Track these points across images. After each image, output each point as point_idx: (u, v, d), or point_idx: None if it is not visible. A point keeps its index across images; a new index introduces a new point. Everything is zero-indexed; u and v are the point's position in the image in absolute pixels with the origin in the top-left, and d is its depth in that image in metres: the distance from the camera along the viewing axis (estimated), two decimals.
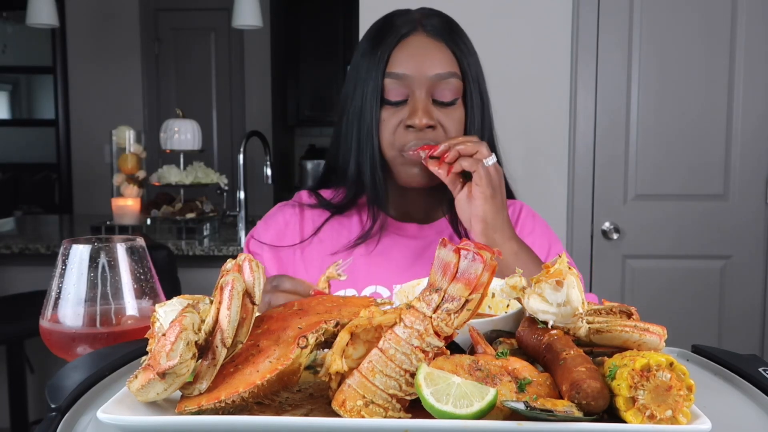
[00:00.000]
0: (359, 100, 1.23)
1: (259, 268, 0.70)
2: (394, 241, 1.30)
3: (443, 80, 1.21)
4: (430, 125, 1.19)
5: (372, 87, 1.21)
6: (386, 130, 1.22)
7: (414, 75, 1.20)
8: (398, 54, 1.22)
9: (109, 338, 0.93)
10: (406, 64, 1.21)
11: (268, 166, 3.19)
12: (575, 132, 2.78)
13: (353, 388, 0.62)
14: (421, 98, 1.20)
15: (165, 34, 5.95)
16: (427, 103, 1.20)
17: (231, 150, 5.93)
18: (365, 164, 1.24)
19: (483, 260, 0.64)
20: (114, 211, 3.31)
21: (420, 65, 1.20)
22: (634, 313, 0.76)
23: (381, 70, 1.21)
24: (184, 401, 0.64)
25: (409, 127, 1.20)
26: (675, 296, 2.83)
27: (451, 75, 1.21)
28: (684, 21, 2.72)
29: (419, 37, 1.23)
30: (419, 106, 1.19)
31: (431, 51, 1.22)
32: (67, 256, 0.94)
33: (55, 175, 6.65)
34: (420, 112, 1.19)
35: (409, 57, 1.21)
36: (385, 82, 1.21)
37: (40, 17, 3.64)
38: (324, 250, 1.29)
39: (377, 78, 1.21)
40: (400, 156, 1.22)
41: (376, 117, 1.21)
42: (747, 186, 2.78)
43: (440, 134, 1.21)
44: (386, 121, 1.22)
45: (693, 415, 0.60)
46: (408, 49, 1.22)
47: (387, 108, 1.22)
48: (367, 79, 1.22)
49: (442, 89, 1.21)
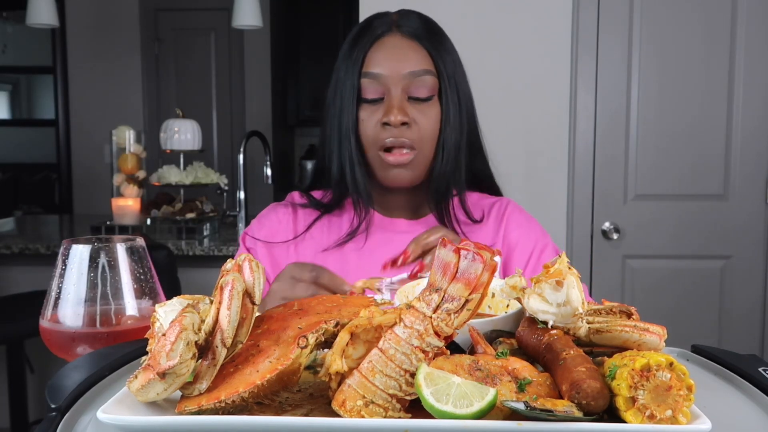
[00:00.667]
0: (339, 100, 1.27)
1: (259, 268, 0.70)
2: (384, 236, 1.32)
3: (417, 77, 1.24)
4: (405, 122, 1.22)
5: (349, 87, 1.25)
6: (365, 129, 1.25)
7: (389, 74, 1.24)
8: (373, 54, 1.26)
9: (109, 338, 0.93)
10: (381, 64, 1.24)
11: (268, 166, 3.19)
12: (575, 132, 2.78)
13: (353, 388, 0.62)
14: (396, 96, 1.23)
15: (165, 34, 5.95)
16: (403, 100, 1.23)
17: (231, 150, 5.93)
18: (346, 163, 1.27)
19: (483, 260, 0.64)
20: (114, 211, 3.31)
21: (394, 64, 1.24)
22: (634, 313, 0.76)
23: (357, 70, 1.25)
24: (184, 401, 0.64)
25: (385, 124, 1.23)
26: (675, 296, 2.83)
27: (426, 72, 1.24)
28: (684, 21, 2.73)
29: (394, 37, 1.27)
30: (394, 103, 1.22)
31: (405, 50, 1.26)
32: (67, 256, 0.94)
33: (55, 175, 6.65)
34: (395, 110, 1.22)
35: (384, 56, 1.25)
36: (361, 81, 1.25)
37: (40, 17, 3.64)
38: (316, 247, 1.32)
39: (354, 78, 1.25)
40: (379, 157, 1.25)
41: (353, 116, 1.25)
42: (747, 186, 2.78)
43: (415, 131, 1.24)
44: (365, 120, 1.25)
45: (693, 415, 0.60)
46: (383, 49, 1.26)
47: (365, 107, 1.26)
48: (345, 80, 1.26)
49: (416, 86, 1.24)
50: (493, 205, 1.39)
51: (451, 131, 1.27)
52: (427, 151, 1.27)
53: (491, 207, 1.39)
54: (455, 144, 1.28)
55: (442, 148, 1.27)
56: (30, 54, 7.74)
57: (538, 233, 1.37)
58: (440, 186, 1.29)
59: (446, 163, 1.28)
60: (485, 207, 1.38)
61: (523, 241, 1.34)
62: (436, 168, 1.28)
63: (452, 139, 1.27)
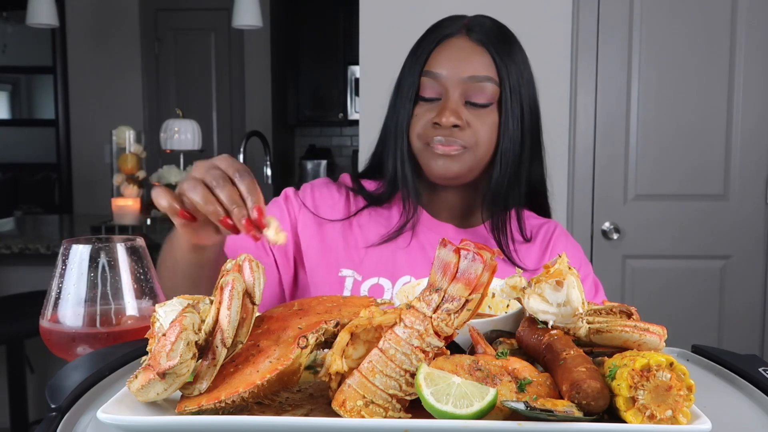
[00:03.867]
0: (399, 97, 1.27)
1: (259, 268, 0.70)
2: (432, 237, 1.31)
3: (478, 83, 1.22)
4: (457, 125, 1.21)
5: (409, 84, 1.25)
6: (417, 125, 1.24)
7: (449, 75, 1.22)
8: (437, 54, 1.25)
9: (109, 338, 0.93)
10: (443, 64, 1.23)
11: (268, 166, 3.19)
12: (575, 132, 2.78)
13: (353, 388, 0.62)
14: (453, 98, 1.22)
15: (165, 34, 5.95)
16: (458, 103, 1.22)
17: (231, 150, 5.93)
18: (398, 159, 1.27)
19: (483, 260, 0.64)
20: (114, 211, 3.31)
21: (456, 66, 1.23)
22: (634, 313, 0.76)
23: (419, 68, 1.24)
24: (184, 401, 0.64)
25: (436, 124, 1.22)
26: (675, 296, 2.83)
27: (487, 79, 1.22)
28: (684, 21, 2.72)
29: (461, 40, 1.25)
30: (449, 105, 1.21)
31: (470, 54, 1.24)
32: (67, 256, 0.94)
33: (55, 175, 6.65)
34: (448, 111, 1.20)
35: (447, 57, 1.24)
36: (421, 80, 1.24)
37: (40, 17, 3.64)
38: (363, 237, 1.31)
39: (415, 75, 1.24)
40: (426, 149, 1.24)
41: (409, 113, 1.24)
42: (747, 186, 2.78)
43: (468, 134, 1.22)
44: (418, 117, 1.24)
45: (693, 415, 0.60)
46: (447, 51, 1.24)
47: (421, 105, 1.25)
48: (407, 77, 1.26)
49: (475, 91, 1.22)
50: (541, 227, 1.37)
51: (510, 142, 1.24)
52: (482, 154, 1.24)
53: (539, 228, 1.36)
54: (515, 156, 1.25)
55: (500, 158, 1.25)
56: (30, 54, 7.74)
57: (582, 262, 1.36)
58: (497, 196, 1.27)
59: (504, 175, 1.25)
60: (533, 227, 1.36)
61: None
62: (494, 176, 1.26)
63: (512, 150, 1.25)
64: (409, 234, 1.30)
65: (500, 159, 1.25)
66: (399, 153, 1.26)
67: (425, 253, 1.29)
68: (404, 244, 1.30)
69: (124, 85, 5.73)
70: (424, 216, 1.32)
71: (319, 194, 1.34)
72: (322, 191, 1.35)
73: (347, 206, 1.34)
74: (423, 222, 1.32)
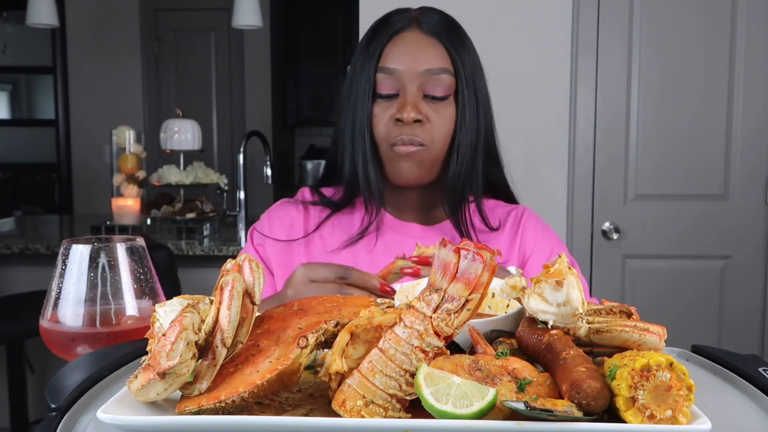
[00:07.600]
0: (353, 95, 1.24)
1: (259, 268, 0.70)
2: (396, 238, 1.30)
3: (434, 75, 1.21)
4: (418, 119, 1.20)
5: (364, 81, 1.22)
6: (379, 125, 1.23)
7: (405, 70, 1.21)
8: (391, 49, 1.23)
9: (109, 338, 0.93)
10: (397, 59, 1.22)
11: (268, 166, 3.19)
12: (575, 132, 2.78)
13: (353, 388, 0.62)
14: (411, 92, 1.21)
15: (165, 34, 5.95)
16: (417, 97, 1.21)
17: (231, 150, 5.93)
18: (359, 160, 1.25)
19: (483, 260, 0.64)
20: (114, 211, 3.31)
21: (411, 60, 1.21)
22: (634, 313, 0.76)
23: (373, 65, 1.22)
24: (184, 401, 0.64)
25: (398, 120, 1.20)
26: (675, 296, 2.83)
27: (443, 71, 1.22)
28: (684, 21, 2.72)
29: (413, 33, 1.24)
30: (408, 100, 1.20)
31: (423, 47, 1.23)
32: (67, 256, 0.94)
33: (55, 175, 6.65)
34: (408, 106, 1.19)
35: (401, 52, 1.22)
36: (377, 76, 1.22)
37: (40, 17, 3.64)
38: (325, 246, 1.30)
39: (369, 73, 1.22)
40: (391, 151, 1.23)
41: (367, 111, 1.22)
42: (747, 186, 2.78)
43: (428, 130, 1.21)
44: (378, 116, 1.23)
45: (693, 415, 0.60)
46: (400, 45, 1.23)
47: (379, 103, 1.23)
48: (361, 74, 1.23)
49: (432, 84, 1.21)
50: (509, 213, 1.36)
51: (466, 133, 1.24)
52: (439, 150, 1.23)
53: (507, 215, 1.36)
54: (471, 146, 1.25)
55: (456, 150, 1.24)
56: (30, 54, 7.74)
57: (554, 242, 1.35)
58: (455, 188, 1.26)
59: (461, 165, 1.24)
60: (501, 215, 1.36)
61: (539, 251, 1.31)
62: (451, 169, 1.25)
63: (468, 141, 1.24)
64: (373, 236, 1.29)
65: (456, 151, 1.24)
66: (360, 154, 1.24)
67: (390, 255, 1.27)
68: (369, 247, 1.29)
69: (123, 85, 5.73)
70: (387, 217, 1.31)
71: (276, 218, 1.34)
72: (280, 214, 1.35)
73: (306, 221, 1.33)
74: (386, 223, 1.31)
